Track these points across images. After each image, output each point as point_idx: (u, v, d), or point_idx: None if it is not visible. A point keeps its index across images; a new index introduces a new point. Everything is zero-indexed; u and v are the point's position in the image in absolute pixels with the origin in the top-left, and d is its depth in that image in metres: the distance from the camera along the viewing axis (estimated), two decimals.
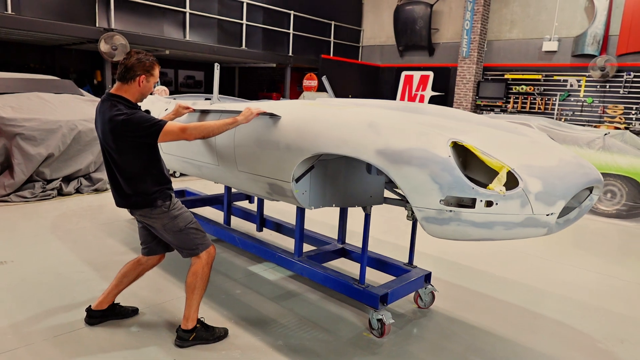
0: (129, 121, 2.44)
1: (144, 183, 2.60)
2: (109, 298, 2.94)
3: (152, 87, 2.64)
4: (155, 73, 2.63)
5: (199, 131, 2.56)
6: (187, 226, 2.67)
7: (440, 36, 12.50)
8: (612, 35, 9.74)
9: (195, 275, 2.68)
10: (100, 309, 2.92)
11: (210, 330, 2.80)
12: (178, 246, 2.73)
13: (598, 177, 2.39)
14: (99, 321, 2.92)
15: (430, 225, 2.17)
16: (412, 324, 3.22)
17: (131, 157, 2.55)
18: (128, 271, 2.93)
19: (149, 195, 2.60)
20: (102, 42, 8.44)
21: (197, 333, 2.74)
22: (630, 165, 6.24)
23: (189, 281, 2.70)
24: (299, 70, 13.94)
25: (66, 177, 6.25)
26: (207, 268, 2.71)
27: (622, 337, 3.20)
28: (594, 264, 4.69)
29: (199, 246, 2.69)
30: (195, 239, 2.69)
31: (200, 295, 2.73)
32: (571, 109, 10.35)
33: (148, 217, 2.66)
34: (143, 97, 2.64)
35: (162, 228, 2.68)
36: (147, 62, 2.57)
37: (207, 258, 2.71)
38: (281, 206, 5.86)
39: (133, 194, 2.61)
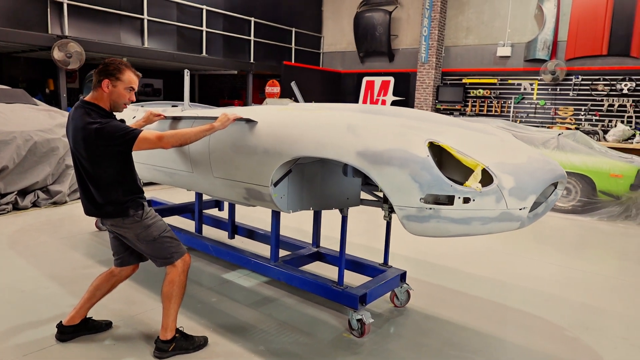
0: (102, 130, 2.36)
1: (116, 192, 2.53)
2: (81, 312, 2.82)
3: (122, 92, 2.51)
4: (124, 78, 2.50)
5: (176, 139, 2.51)
6: (161, 235, 2.62)
7: (400, 42, 12.81)
8: (561, 41, 10.31)
9: (172, 283, 2.63)
10: (72, 324, 2.80)
11: (189, 339, 2.75)
12: (152, 255, 2.67)
13: (563, 173, 2.53)
14: (71, 337, 2.80)
15: (410, 224, 2.23)
16: (390, 322, 3.28)
17: (104, 166, 2.48)
18: (101, 283, 2.82)
19: (121, 204, 2.54)
20: (55, 49, 8.13)
21: (177, 343, 2.69)
22: (583, 163, 6.60)
23: (165, 290, 2.64)
24: (261, 77, 13.91)
25: (22, 190, 5.95)
26: (183, 276, 2.66)
27: (586, 324, 3.38)
28: (554, 257, 4.93)
29: (174, 254, 2.64)
30: (170, 248, 2.64)
31: (177, 304, 2.67)
32: (525, 111, 10.84)
33: (120, 226, 2.59)
34: (117, 105, 2.54)
35: (135, 238, 2.62)
36: (112, 65, 2.47)
37: (183, 266, 2.66)
38: (252, 213, 5.82)
39: (105, 203, 2.54)
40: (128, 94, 2.54)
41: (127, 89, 2.53)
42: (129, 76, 2.53)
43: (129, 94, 2.54)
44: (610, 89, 9.76)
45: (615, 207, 6.50)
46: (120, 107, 2.57)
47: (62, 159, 6.26)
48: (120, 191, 2.54)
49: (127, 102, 2.57)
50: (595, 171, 6.52)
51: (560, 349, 3.01)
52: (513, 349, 3.01)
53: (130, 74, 2.54)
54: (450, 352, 2.91)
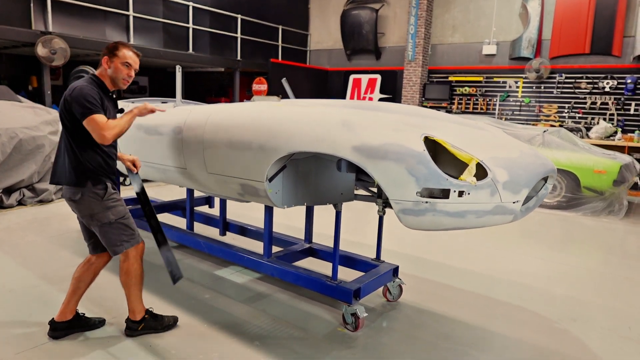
0: (80, 91, 2.49)
1: (83, 160, 2.57)
2: (71, 307, 2.80)
3: (119, 67, 2.65)
4: (121, 54, 2.65)
5: (117, 133, 2.52)
6: (117, 220, 2.64)
7: (387, 40, 12.87)
8: (545, 40, 10.47)
9: (128, 274, 2.71)
10: (64, 320, 2.78)
11: (159, 319, 2.88)
12: (103, 241, 2.67)
13: (553, 167, 2.58)
14: (64, 334, 2.78)
15: (407, 217, 2.26)
16: (383, 316, 3.31)
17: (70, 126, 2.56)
18: (81, 275, 2.80)
19: (82, 173, 2.57)
20: (39, 45, 7.98)
21: (146, 323, 2.82)
22: (567, 159, 6.73)
23: (123, 280, 2.74)
24: (248, 75, 13.85)
25: (7, 188, 5.85)
26: (137, 264, 2.72)
27: (573, 316, 3.46)
28: (540, 252, 5.02)
29: (124, 243, 2.66)
30: (122, 235, 2.66)
31: (138, 289, 2.77)
32: (511, 108, 10.99)
33: (76, 201, 2.60)
34: (116, 80, 2.67)
35: (89, 217, 2.62)
36: (111, 45, 2.67)
37: (136, 255, 2.71)
38: (242, 210, 5.81)
39: (68, 170, 2.58)
40: (125, 69, 2.66)
41: (124, 64, 2.65)
42: (125, 52, 2.67)
43: (126, 70, 2.67)
44: (592, 87, 9.95)
45: (599, 202, 6.65)
46: (119, 82, 2.68)
47: (48, 157, 6.16)
48: (86, 160, 2.58)
49: (125, 78, 2.69)
50: (580, 167, 6.66)
51: (549, 340, 3.08)
52: (503, 341, 3.07)
53: (125, 51, 2.67)
54: (442, 345, 2.95)
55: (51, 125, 6.27)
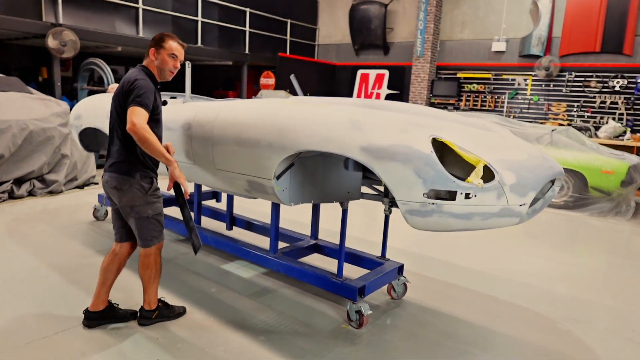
0: (136, 83, 2.56)
1: (135, 153, 2.66)
2: (102, 297, 2.87)
3: (166, 59, 2.72)
4: (167, 45, 2.71)
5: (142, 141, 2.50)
6: (154, 215, 2.74)
7: (395, 35, 12.82)
8: (555, 37, 10.38)
9: (148, 267, 2.81)
10: (96, 310, 2.86)
11: (170, 308, 3.01)
12: (136, 232, 2.76)
13: (561, 170, 2.59)
14: (97, 323, 2.87)
15: (413, 218, 2.28)
16: (387, 314, 3.34)
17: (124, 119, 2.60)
18: (108, 265, 2.87)
19: (133, 165, 2.66)
20: (50, 37, 8.03)
21: (160, 312, 2.94)
22: (575, 159, 6.70)
23: (142, 273, 2.83)
24: (256, 69, 13.85)
25: (17, 179, 5.93)
26: (157, 257, 2.83)
27: (576, 317, 3.47)
28: (545, 252, 5.03)
29: (154, 239, 2.77)
30: (154, 231, 2.76)
31: (157, 281, 2.89)
32: (519, 106, 10.93)
33: (121, 189, 2.66)
34: (163, 71, 2.75)
35: (129, 206, 2.69)
36: (158, 37, 2.73)
37: (156, 250, 2.82)
38: (249, 205, 5.85)
39: (120, 161, 2.66)
40: (172, 61, 2.74)
41: (170, 55, 2.72)
42: (171, 44, 2.73)
43: (172, 61, 2.74)
44: (602, 86, 9.87)
45: (606, 203, 6.63)
46: (166, 74, 2.76)
47: (58, 148, 6.23)
48: (138, 154, 2.66)
49: (171, 69, 2.76)
50: (587, 167, 6.63)
51: (552, 340, 3.10)
52: (506, 340, 3.09)
53: (172, 42, 2.74)
54: (445, 343, 2.98)
55: (61, 117, 6.33)
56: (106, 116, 4.14)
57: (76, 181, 6.55)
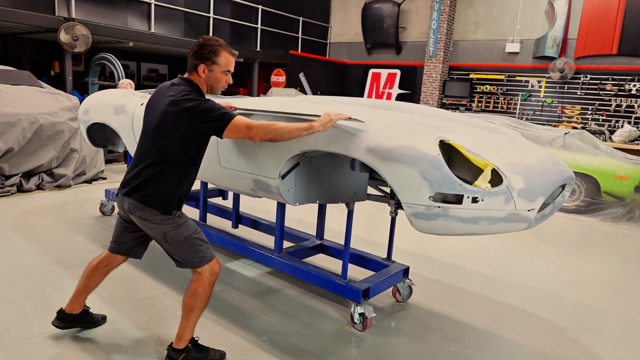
0: (197, 107, 2.22)
1: (172, 182, 2.34)
2: (80, 301, 2.74)
3: (219, 77, 2.37)
4: (221, 61, 2.35)
5: (267, 132, 2.27)
6: (191, 235, 2.41)
7: (408, 35, 12.72)
8: (571, 39, 10.21)
9: (195, 295, 2.41)
10: (72, 313, 2.74)
11: (203, 351, 2.54)
12: (178, 256, 2.45)
13: (571, 175, 2.52)
14: (68, 326, 2.74)
15: (418, 221, 2.23)
16: (391, 317, 3.30)
17: (178, 148, 2.30)
18: (92, 273, 2.69)
19: (170, 200, 2.35)
20: (62, 32, 8.08)
21: (187, 354, 2.48)
22: (588, 163, 6.58)
23: (187, 301, 2.43)
24: (267, 66, 13.84)
25: (26, 172, 5.97)
26: (208, 288, 2.43)
27: (586, 325, 3.39)
28: (556, 257, 4.93)
29: (202, 259, 2.41)
30: (199, 251, 2.41)
31: (197, 316, 2.46)
32: (532, 108, 10.78)
33: (149, 220, 2.36)
34: (214, 89, 2.43)
35: (161, 236, 2.40)
36: (207, 48, 2.33)
37: (210, 277, 2.42)
38: (256, 203, 5.83)
39: (154, 192, 2.32)
40: (225, 77, 2.41)
41: (224, 72, 2.39)
42: (226, 58, 2.37)
43: (225, 77, 2.41)
44: (618, 89, 9.69)
45: (619, 208, 6.49)
46: (217, 91, 2.45)
47: (67, 143, 6.27)
48: (175, 182, 2.35)
49: (224, 86, 2.45)
50: (601, 172, 6.51)
51: (560, 348, 3.03)
52: (513, 347, 3.03)
53: (226, 56, 2.38)
54: (450, 348, 2.93)
55: (71, 112, 6.36)
56: (115, 112, 4.16)
57: (84, 176, 6.58)
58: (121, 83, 6.34)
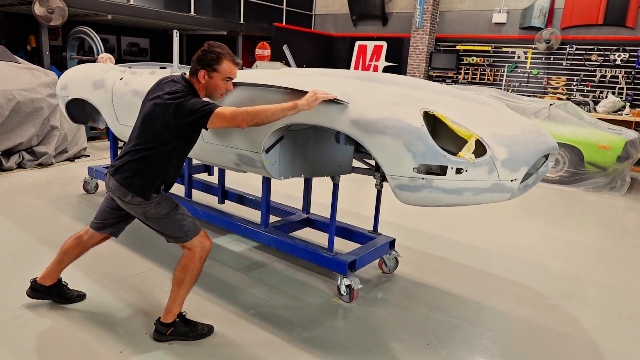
0: (183, 107, 2.24)
1: (153, 168, 2.36)
2: (52, 275, 2.74)
3: (219, 84, 2.40)
4: (222, 68, 2.37)
5: (252, 117, 2.26)
6: (171, 211, 2.43)
7: (394, 6, 12.51)
8: (557, 9, 10.13)
9: (185, 269, 2.44)
10: (43, 285, 2.75)
11: (191, 325, 2.57)
12: (163, 233, 2.48)
13: (555, 145, 2.53)
14: (41, 297, 2.76)
15: (402, 193, 2.23)
16: (378, 288, 3.34)
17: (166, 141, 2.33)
18: (69, 249, 2.71)
19: (149, 185, 2.37)
20: (36, 4, 7.78)
21: (176, 328, 2.52)
22: (572, 134, 6.64)
23: (176, 275, 2.46)
24: (251, 39, 13.55)
25: (6, 151, 5.84)
26: (199, 264, 2.46)
27: (567, 292, 3.48)
28: (539, 227, 5.02)
29: (188, 232, 2.43)
30: (183, 225, 2.43)
31: (186, 291, 2.49)
32: (518, 80, 10.77)
33: (127, 202, 2.40)
34: (212, 95, 2.46)
35: (142, 215, 2.44)
36: (210, 55, 2.36)
37: (201, 253, 2.45)
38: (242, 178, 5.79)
39: (132, 173, 2.35)
40: (225, 85, 2.43)
41: (224, 79, 2.42)
42: (227, 66, 2.39)
43: (225, 85, 2.44)
44: (603, 60, 9.71)
45: (601, 178, 6.60)
46: (215, 98, 2.48)
47: (47, 120, 6.12)
48: (159, 172, 2.38)
49: (223, 93, 2.48)
50: (584, 142, 6.57)
51: (542, 315, 3.11)
52: (496, 315, 3.10)
53: (228, 64, 2.39)
54: (435, 317, 2.98)
55: (49, 88, 6.19)
56: (93, 87, 4.05)
57: (66, 153, 6.46)
58: (100, 58, 6.15)
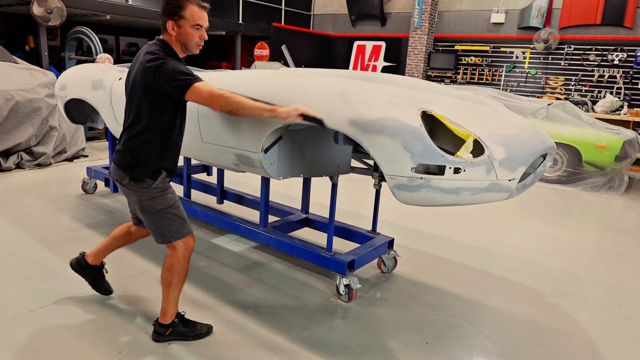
0: (162, 68, 2.16)
1: (145, 148, 2.30)
2: (98, 256, 2.82)
3: (190, 32, 2.25)
4: (187, 14, 2.23)
5: (228, 102, 2.20)
6: (165, 209, 2.38)
7: (392, 6, 12.52)
8: (555, 9, 10.15)
9: (171, 270, 2.44)
10: (87, 261, 2.81)
11: (190, 325, 2.57)
12: (150, 228, 2.46)
13: (552, 144, 2.54)
14: (79, 271, 2.85)
15: (401, 193, 2.24)
16: (376, 288, 3.35)
17: (154, 112, 2.26)
18: (118, 235, 2.78)
19: (140, 164, 2.31)
20: (35, 4, 7.77)
21: (174, 328, 2.52)
22: (570, 134, 6.65)
23: (164, 276, 2.46)
24: (250, 39, 13.56)
25: (4, 151, 5.83)
26: (183, 262, 2.45)
27: (565, 291, 3.49)
28: (537, 226, 5.03)
29: (174, 234, 2.40)
30: (171, 226, 2.40)
31: (177, 290, 2.49)
32: (516, 80, 10.79)
33: (125, 185, 2.38)
34: (188, 47, 2.31)
35: (138, 204, 2.42)
36: (173, 3, 2.23)
37: (184, 251, 2.44)
38: (241, 178, 5.80)
39: (126, 153, 2.31)
40: (197, 33, 2.29)
41: (194, 27, 2.27)
42: (193, 11, 2.25)
43: (198, 32, 2.29)
44: (601, 60, 9.73)
45: (600, 177, 6.61)
46: (193, 48, 2.33)
47: (46, 120, 6.12)
48: (151, 152, 2.31)
49: (199, 42, 2.32)
50: (582, 142, 6.59)
51: (540, 314, 3.12)
52: (495, 313, 3.11)
53: (193, 9, 2.25)
54: (434, 317, 2.99)
55: (48, 88, 6.19)
56: (92, 87, 4.05)
57: (65, 154, 6.46)
58: (99, 58, 6.16)
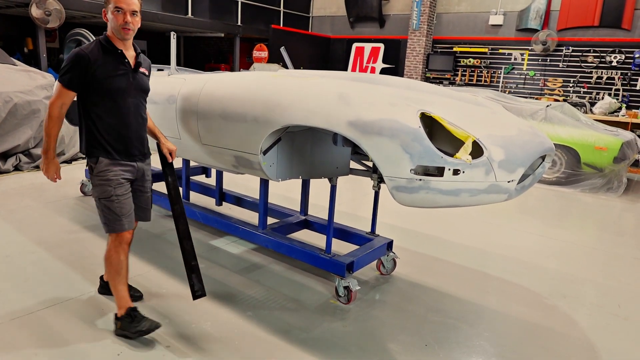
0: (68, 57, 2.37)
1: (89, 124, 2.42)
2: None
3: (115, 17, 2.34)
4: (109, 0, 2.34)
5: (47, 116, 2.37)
6: (101, 199, 2.41)
7: (391, 7, 12.54)
8: (554, 11, 10.18)
9: (107, 260, 2.51)
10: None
11: (134, 322, 2.48)
12: None
13: (551, 146, 2.54)
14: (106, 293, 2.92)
15: (400, 194, 2.23)
16: (375, 289, 3.34)
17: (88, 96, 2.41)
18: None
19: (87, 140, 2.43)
20: (33, 6, 7.78)
21: (122, 322, 2.51)
22: (569, 135, 6.66)
23: (104, 265, 2.55)
24: (249, 41, 13.57)
25: (3, 153, 5.82)
26: (115, 254, 2.46)
27: (564, 292, 3.49)
28: (536, 227, 5.03)
29: (105, 225, 2.44)
30: (104, 217, 2.43)
31: (115, 281, 2.48)
32: (515, 81, 10.81)
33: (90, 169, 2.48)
34: (116, 31, 2.38)
35: None
36: None
37: (113, 242, 2.45)
38: (239, 180, 5.79)
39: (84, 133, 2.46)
40: (119, 16, 2.34)
41: (115, 9, 2.33)
42: None
43: (120, 16, 2.33)
44: (599, 61, 9.76)
45: (598, 179, 6.62)
46: (120, 32, 2.37)
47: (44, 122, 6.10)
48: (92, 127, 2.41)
49: (124, 25, 2.34)
50: (581, 143, 6.60)
51: (538, 315, 3.12)
52: (493, 315, 3.11)
53: None
54: (433, 318, 2.99)
55: (46, 90, 6.18)
56: None
57: (63, 156, 6.45)
58: None
